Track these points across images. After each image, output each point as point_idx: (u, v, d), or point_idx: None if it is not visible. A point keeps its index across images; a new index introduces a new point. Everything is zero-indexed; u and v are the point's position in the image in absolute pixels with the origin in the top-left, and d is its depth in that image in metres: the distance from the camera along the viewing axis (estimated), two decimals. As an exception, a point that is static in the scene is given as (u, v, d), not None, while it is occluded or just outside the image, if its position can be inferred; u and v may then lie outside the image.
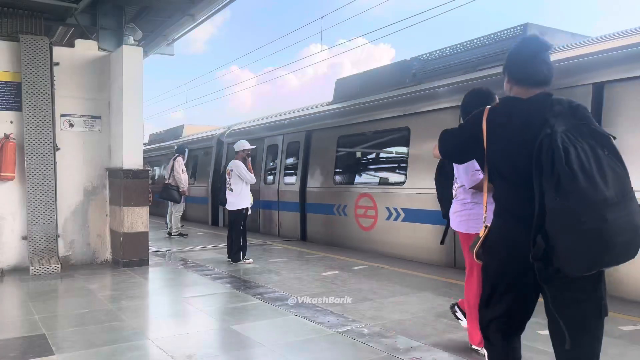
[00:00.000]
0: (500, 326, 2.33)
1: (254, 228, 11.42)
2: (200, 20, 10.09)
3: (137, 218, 7.18)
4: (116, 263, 7.37)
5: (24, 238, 6.96)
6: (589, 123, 2.09)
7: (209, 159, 14.33)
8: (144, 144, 18.40)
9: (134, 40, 8.14)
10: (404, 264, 7.40)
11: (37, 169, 6.95)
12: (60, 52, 7.35)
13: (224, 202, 7.78)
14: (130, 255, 7.16)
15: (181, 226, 11.25)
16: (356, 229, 8.91)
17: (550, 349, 2.28)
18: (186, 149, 12.06)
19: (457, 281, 6.02)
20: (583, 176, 1.92)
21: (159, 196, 12.24)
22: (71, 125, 7.39)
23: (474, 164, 3.20)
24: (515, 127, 2.21)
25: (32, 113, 6.95)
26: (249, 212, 7.75)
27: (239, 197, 7.56)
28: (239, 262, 7.47)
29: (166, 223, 11.50)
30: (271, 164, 11.73)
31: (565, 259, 1.98)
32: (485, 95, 3.52)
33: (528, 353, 3.64)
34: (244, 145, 7.80)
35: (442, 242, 4.22)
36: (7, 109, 6.98)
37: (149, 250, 7.56)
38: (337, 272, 6.79)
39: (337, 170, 9.74)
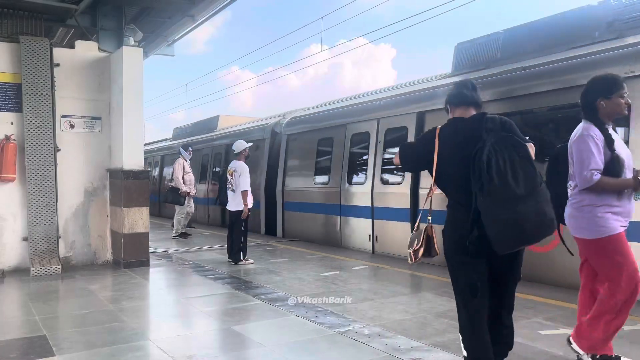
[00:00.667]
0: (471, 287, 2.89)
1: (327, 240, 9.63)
2: (201, 20, 10.10)
3: (137, 219, 7.18)
4: (117, 264, 7.37)
5: (25, 239, 6.96)
6: (513, 135, 2.76)
7: (260, 154, 11.83)
8: (167, 139, 17.43)
9: (134, 41, 8.15)
10: (404, 265, 7.40)
11: (38, 170, 6.95)
12: (60, 53, 7.36)
13: (225, 202, 7.78)
14: (130, 256, 7.17)
15: (185, 225, 11.25)
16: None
17: (552, 349, 2.35)
18: (190, 148, 11.58)
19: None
20: (498, 180, 2.60)
21: (162, 199, 12.15)
22: (72, 126, 7.40)
23: (591, 162, 3.13)
24: (459, 142, 2.87)
25: (32, 114, 6.96)
26: (249, 213, 7.72)
27: (240, 198, 7.54)
28: (239, 263, 7.47)
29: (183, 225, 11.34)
30: (361, 158, 9.08)
31: (495, 242, 2.66)
32: (611, 82, 3.24)
33: (529, 354, 3.65)
34: (244, 145, 7.81)
35: (571, 253, 3.59)
36: (7, 110, 6.98)
37: (150, 251, 7.57)
38: (337, 272, 6.79)
39: None
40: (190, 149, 11.59)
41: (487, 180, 2.62)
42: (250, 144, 8.12)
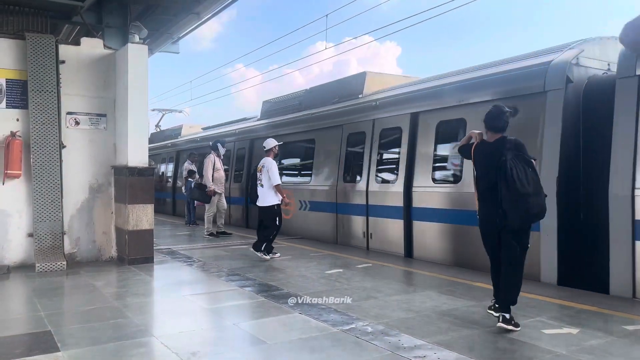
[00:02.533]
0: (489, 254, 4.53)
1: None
2: (206, 18, 10.13)
3: (142, 215, 7.21)
4: (121, 260, 7.40)
5: (30, 235, 7.00)
6: (523, 153, 4.21)
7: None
8: (248, 118, 14.52)
9: (139, 39, 8.15)
10: (408, 263, 7.40)
11: (43, 167, 6.98)
12: (66, 50, 7.38)
13: (255, 200, 7.96)
14: (135, 252, 7.19)
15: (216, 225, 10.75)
16: None
17: (556, 349, 2.58)
18: (218, 144, 10.90)
19: (461, 280, 6.01)
20: (518, 182, 4.04)
21: (189, 197, 11.54)
22: (77, 123, 7.43)
23: None
24: (486, 156, 4.40)
25: (38, 111, 6.99)
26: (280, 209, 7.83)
27: (269, 193, 7.69)
28: (270, 256, 7.62)
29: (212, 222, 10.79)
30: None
31: (510, 220, 4.14)
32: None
33: (532, 352, 3.65)
34: (274, 142, 8.04)
35: None
36: (13, 107, 7.02)
37: (154, 247, 7.60)
38: (341, 270, 6.79)
39: None
40: (218, 144, 10.92)
41: (511, 182, 4.04)
42: (281, 142, 8.39)
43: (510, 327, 4.07)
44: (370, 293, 5.47)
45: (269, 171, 7.65)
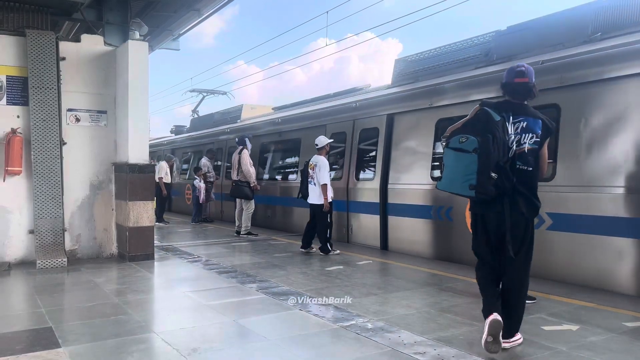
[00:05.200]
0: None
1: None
2: (206, 15, 10.09)
3: (142, 212, 7.22)
4: (122, 257, 7.41)
5: (31, 232, 7.01)
6: None
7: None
8: (279, 107, 13.07)
9: (140, 35, 8.15)
10: (409, 260, 7.41)
11: (44, 164, 6.99)
12: (66, 47, 7.38)
13: (306, 196, 8.10)
14: (136, 249, 7.20)
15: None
16: None
17: (555, 345, 2.34)
18: (246, 139, 10.45)
19: (462, 277, 6.02)
20: None
21: (230, 194, 10.43)
22: (77, 120, 7.43)
23: None
24: None
25: (38, 108, 6.99)
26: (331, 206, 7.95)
27: (320, 191, 7.83)
28: (330, 254, 7.74)
29: (235, 221, 10.52)
30: None
31: None
32: None
33: (530, 348, 3.65)
34: (326, 140, 8.12)
35: None
36: (14, 104, 7.02)
37: (155, 244, 7.60)
38: (341, 267, 6.80)
39: None
40: (246, 139, 10.49)
41: None
42: (332, 140, 8.43)
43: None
44: (371, 290, 5.48)
45: (321, 170, 7.83)
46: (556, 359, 3.44)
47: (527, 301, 4.27)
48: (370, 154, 8.90)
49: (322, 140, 8.12)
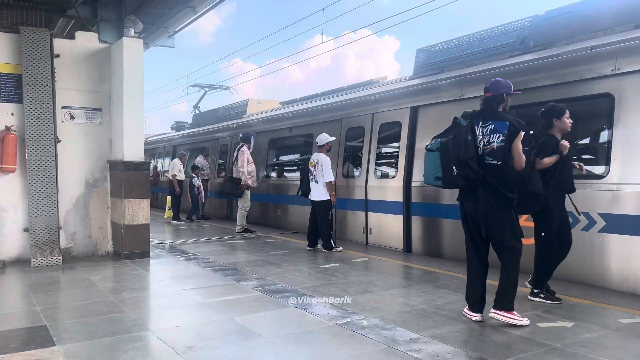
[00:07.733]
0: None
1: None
2: (201, 12, 10.06)
3: (138, 210, 7.19)
4: (117, 255, 7.39)
5: (26, 230, 6.98)
6: None
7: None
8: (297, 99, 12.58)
9: (135, 32, 8.12)
10: (404, 258, 7.42)
11: (38, 161, 6.96)
12: (60, 44, 7.34)
13: (307, 193, 8.15)
14: (131, 247, 7.19)
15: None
16: None
17: (550, 342, 2.53)
18: (251, 137, 10.35)
19: (458, 274, 6.03)
20: None
21: (220, 189, 10.43)
22: (72, 117, 7.39)
23: None
24: None
25: (33, 105, 6.95)
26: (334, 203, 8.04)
27: (323, 189, 7.89)
28: (332, 250, 7.81)
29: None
30: None
31: None
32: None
33: (526, 345, 3.66)
34: (328, 138, 8.12)
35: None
36: (8, 101, 6.98)
37: (151, 242, 7.59)
38: (337, 264, 6.81)
39: None
40: (251, 137, 10.41)
41: None
42: (334, 138, 8.35)
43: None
44: (367, 287, 5.48)
45: (323, 168, 7.86)
46: (551, 356, 3.45)
47: (552, 302, 4.74)
48: (392, 150, 8.50)
49: (323, 138, 8.13)
